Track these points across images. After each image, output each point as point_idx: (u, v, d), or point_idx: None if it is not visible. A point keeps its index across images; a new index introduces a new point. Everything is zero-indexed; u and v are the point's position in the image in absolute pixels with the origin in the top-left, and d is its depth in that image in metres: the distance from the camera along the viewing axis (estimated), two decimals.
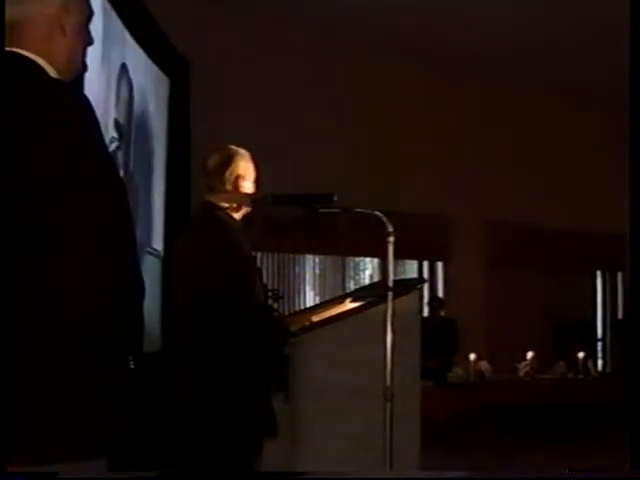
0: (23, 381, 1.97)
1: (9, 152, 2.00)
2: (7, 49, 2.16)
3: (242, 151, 3.89)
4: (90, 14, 2.30)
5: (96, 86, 4.92)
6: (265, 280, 8.79)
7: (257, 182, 3.90)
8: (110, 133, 5.47)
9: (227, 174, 3.82)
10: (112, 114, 5.69)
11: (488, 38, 10.12)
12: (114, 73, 5.89)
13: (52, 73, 2.16)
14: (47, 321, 1.98)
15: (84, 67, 2.30)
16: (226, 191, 3.81)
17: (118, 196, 2.07)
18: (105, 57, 5.38)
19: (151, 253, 6.72)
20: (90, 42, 2.30)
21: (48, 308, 1.98)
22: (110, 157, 2.15)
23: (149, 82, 7.07)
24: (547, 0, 9.03)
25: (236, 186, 3.82)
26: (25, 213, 1.98)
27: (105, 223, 2.00)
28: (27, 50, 2.15)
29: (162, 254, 7.05)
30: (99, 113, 2.19)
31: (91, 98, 2.17)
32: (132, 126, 6.39)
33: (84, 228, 1.98)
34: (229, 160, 3.84)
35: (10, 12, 2.18)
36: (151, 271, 6.46)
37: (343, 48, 10.17)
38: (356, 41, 10.09)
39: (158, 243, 7.07)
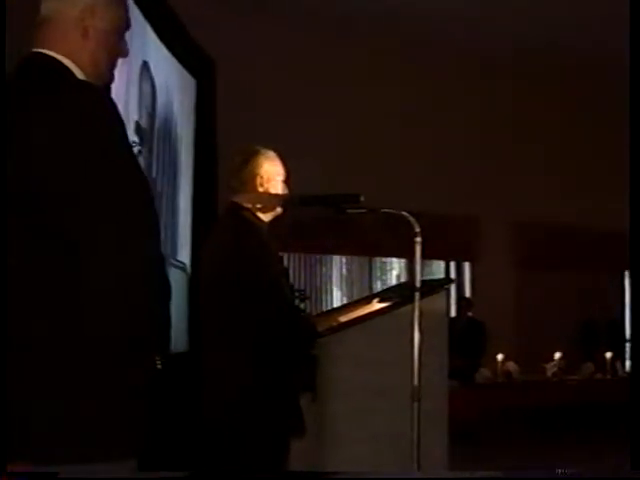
0: (53, 380, 1.98)
1: (32, 152, 2.01)
2: (34, 50, 2.17)
3: (265, 151, 3.88)
4: (122, 25, 2.28)
5: (114, 86, 4.82)
6: (292, 281, 8.80)
7: (286, 183, 3.90)
8: (131, 137, 5.39)
9: (245, 174, 3.82)
10: (133, 117, 5.54)
11: (513, 38, 10.08)
12: (135, 72, 5.75)
13: (79, 75, 2.17)
14: (77, 321, 1.99)
15: (112, 77, 2.30)
16: (248, 191, 3.81)
17: (145, 199, 2.08)
18: None
19: (176, 266, 6.64)
20: (121, 54, 2.29)
21: (78, 307, 1.99)
22: (136, 161, 2.16)
23: (174, 82, 6.99)
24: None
25: (255, 186, 3.81)
26: (49, 214, 1.99)
27: (132, 225, 2.01)
28: (53, 50, 2.16)
29: (188, 266, 6.98)
30: None
31: None
32: (155, 129, 6.27)
33: (112, 230, 1.99)
34: (247, 160, 3.84)
35: (43, 8, 2.21)
36: (176, 284, 6.36)
37: (373, 47, 10.16)
38: (383, 39, 10.08)
39: (184, 255, 6.99)
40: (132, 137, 5.46)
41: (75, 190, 1.98)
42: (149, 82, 6.12)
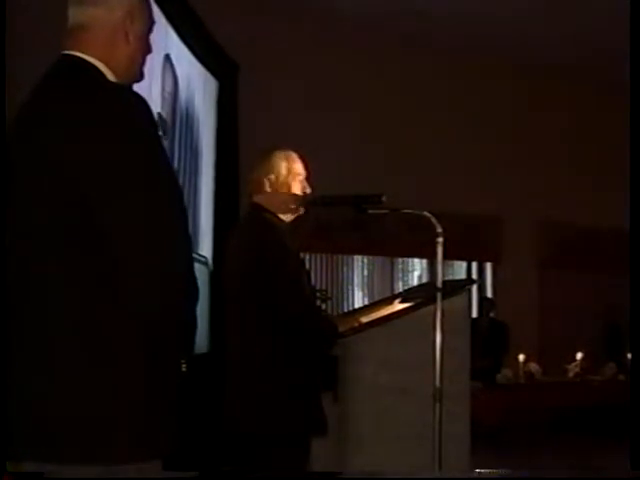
0: (80, 380, 1.98)
1: (60, 155, 2.01)
2: (67, 52, 2.17)
3: (285, 152, 3.88)
4: (152, 23, 2.30)
5: None
6: (313, 281, 8.80)
7: (307, 183, 3.89)
8: None
9: (264, 175, 3.83)
10: (155, 109, 5.56)
11: (545, 38, 10.04)
12: (157, 64, 5.73)
13: (110, 77, 2.17)
14: (108, 320, 1.99)
15: (141, 75, 2.31)
16: (269, 192, 3.81)
17: (176, 200, 2.08)
18: None
19: (198, 260, 6.64)
20: (149, 51, 2.31)
21: (111, 307, 1.99)
22: (169, 161, 2.16)
23: (195, 80, 7.01)
24: None
25: (276, 187, 3.82)
26: (82, 216, 2.00)
27: (165, 226, 2.01)
28: (87, 54, 2.15)
29: (210, 261, 6.98)
30: None
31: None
32: (176, 122, 6.29)
33: (148, 232, 1.99)
34: (268, 161, 3.85)
35: (76, 15, 2.19)
36: (198, 278, 6.35)
37: (392, 47, 10.15)
38: (402, 39, 10.06)
39: (205, 250, 6.99)
40: None
41: (112, 193, 1.99)
42: (171, 75, 6.12)
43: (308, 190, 3.88)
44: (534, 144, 11.34)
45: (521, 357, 10.03)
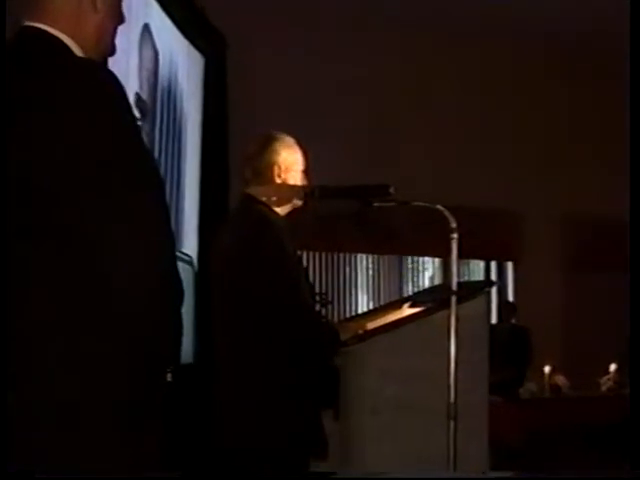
0: (54, 392, 1.99)
1: (26, 141, 2.01)
2: (27, 24, 2.15)
3: (282, 137, 3.89)
4: None
5: None
6: (312, 282, 8.81)
7: (306, 174, 3.90)
8: None
9: (261, 163, 3.83)
10: (132, 87, 5.48)
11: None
12: (134, 35, 5.67)
13: (78, 53, 2.15)
14: (85, 326, 2.00)
15: (113, 49, 2.30)
16: (264, 183, 3.82)
17: (157, 192, 2.08)
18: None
19: (181, 259, 6.63)
20: (122, 20, 2.30)
21: (87, 310, 2.00)
22: (147, 149, 2.16)
23: (179, 55, 6.98)
24: None
25: (272, 177, 3.82)
26: (48, 210, 2.00)
27: (144, 221, 2.01)
28: (49, 26, 2.13)
29: (195, 260, 6.98)
30: None
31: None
32: (157, 103, 6.26)
33: (125, 227, 1.99)
34: (263, 148, 3.84)
35: None
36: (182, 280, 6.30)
37: (405, 23, 10.15)
38: (399, 23, 10.09)
39: (190, 247, 6.98)
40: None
41: (81, 185, 1.99)
42: (151, 48, 6.07)
43: (306, 182, 3.89)
44: (560, 134, 11.34)
45: (546, 368, 10.04)
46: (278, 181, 3.83)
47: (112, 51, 2.30)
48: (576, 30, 10.57)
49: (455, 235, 3.80)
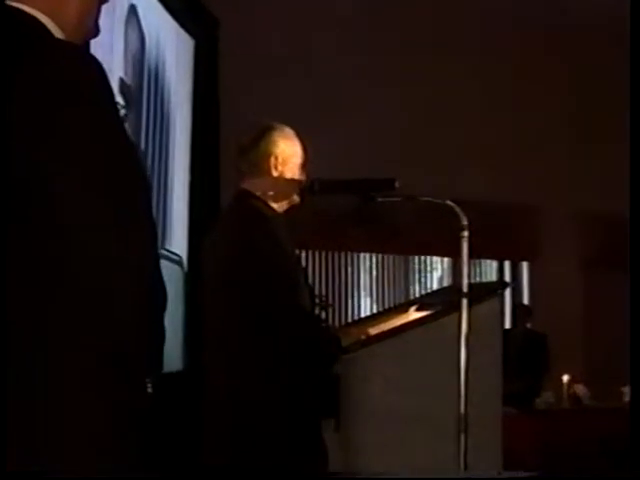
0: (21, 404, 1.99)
1: (9, 131, 2.00)
2: (5, 2, 2.13)
3: (281, 127, 3.89)
4: None
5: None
6: (311, 284, 8.81)
7: (304, 168, 3.91)
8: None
9: (256, 155, 3.83)
10: (117, 72, 5.45)
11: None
12: (119, 16, 5.63)
13: (58, 35, 2.14)
14: (54, 331, 1.99)
15: (97, 30, 2.29)
16: (259, 175, 3.82)
17: (140, 184, 2.08)
18: None
19: (169, 258, 6.62)
20: None
21: (56, 311, 2.00)
22: (130, 139, 2.16)
23: (168, 36, 6.97)
24: None
25: (268, 169, 3.82)
26: (22, 204, 1.99)
27: (125, 215, 2.01)
28: (28, 5, 2.12)
29: (185, 260, 6.96)
30: None
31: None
32: (144, 90, 6.25)
33: (101, 221, 1.99)
34: (260, 138, 3.85)
35: None
36: (169, 282, 6.19)
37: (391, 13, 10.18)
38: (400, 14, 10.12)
39: (179, 246, 6.97)
40: (116, 97, 5.43)
41: (52, 178, 1.98)
42: (137, 31, 6.06)
43: (304, 178, 3.89)
44: (581, 123, 11.34)
45: (565, 377, 10.05)
46: (275, 174, 3.83)
47: (95, 33, 2.29)
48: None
49: (466, 233, 3.81)
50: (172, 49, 7.13)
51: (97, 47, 3.77)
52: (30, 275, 2.00)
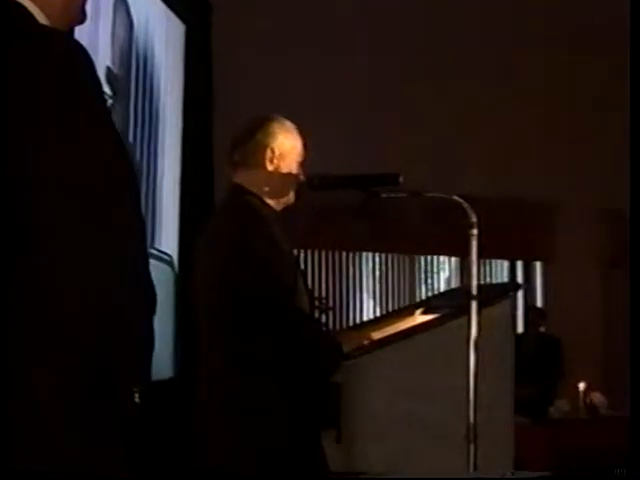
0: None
1: None
2: None
3: (279, 119, 3.90)
4: None
5: None
6: (310, 286, 8.81)
7: (302, 166, 3.91)
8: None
9: (252, 147, 3.84)
10: (103, 60, 5.49)
11: None
12: (107, 1, 5.66)
13: (42, 21, 2.15)
14: (29, 338, 1.99)
15: (84, 16, 2.30)
16: (254, 169, 3.82)
17: (127, 179, 2.09)
18: None
19: (159, 258, 6.61)
20: None
21: (29, 321, 2.00)
22: (116, 131, 2.16)
23: (157, 21, 6.97)
24: None
25: (264, 163, 3.82)
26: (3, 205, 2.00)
27: (109, 213, 2.01)
28: None
29: (176, 261, 6.97)
30: None
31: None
32: (132, 78, 6.25)
33: (83, 217, 1.98)
34: (256, 129, 3.85)
35: None
36: (159, 283, 6.16)
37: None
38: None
39: (169, 245, 6.96)
40: (103, 87, 5.41)
41: (38, 173, 1.98)
42: (125, 16, 6.06)
43: (302, 177, 3.89)
44: (601, 114, 11.33)
45: (581, 385, 10.05)
46: (270, 168, 3.82)
47: (81, 19, 2.30)
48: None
49: (475, 231, 3.81)
50: (162, 34, 7.13)
51: (83, 34, 3.78)
52: (12, 281, 2.00)
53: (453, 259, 11.18)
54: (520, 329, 10.65)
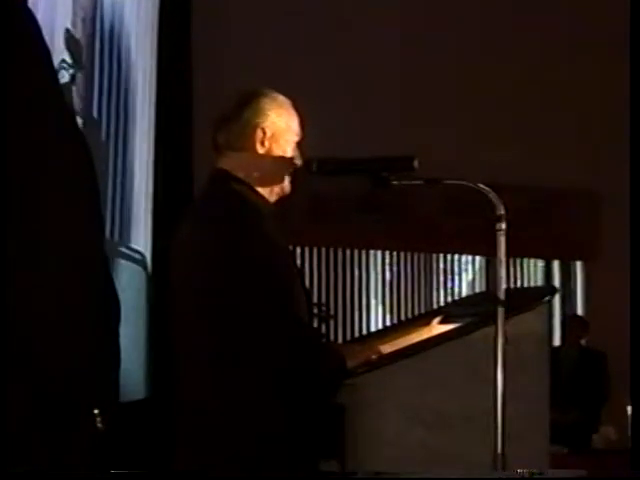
0: None
1: None
2: None
3: (274, 95, 3.91)
4: None
5: None
6: (308, 290, 8.81)
7: (298, 147, 3.92)
8: (57, 55, 5.24)
9: (240, 126, 3.85)
10: (62, 22, 5.50)
11: None
12: None
13: None
14: None
15: None
16: (243, 152, 3.83)
17: (76, 162, 2.10)
18: None
19: (129, 257, 6.61)
20: None
21: None
22: (66, 104, 2.17)
23: None
24: None
25: (254, 144, 3.83)
26: None
27: (58, 214, 2.02)
28: None
29: (148, 259, 6.97)
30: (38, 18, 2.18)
31: None
32: (96, 46, 6.24)
33: (25, 222, 2.00)
34: (245, 105, 3.86)
35: None
36: (130, 286, 6.31)
37: None
38: None
39: (140, 242, 6.96)
40: (60, 54, 5.40)
41: None
42: None
43: (299, 161, 3.90)
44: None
45: (629, 408, 10.07)
46: (260, 151, 3.84)
47: None
48: None
49: (503, 225, 3.82)
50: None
51: None
52: None
53: (477, 258, 11.20)
54: (557, 342, 10.66)
